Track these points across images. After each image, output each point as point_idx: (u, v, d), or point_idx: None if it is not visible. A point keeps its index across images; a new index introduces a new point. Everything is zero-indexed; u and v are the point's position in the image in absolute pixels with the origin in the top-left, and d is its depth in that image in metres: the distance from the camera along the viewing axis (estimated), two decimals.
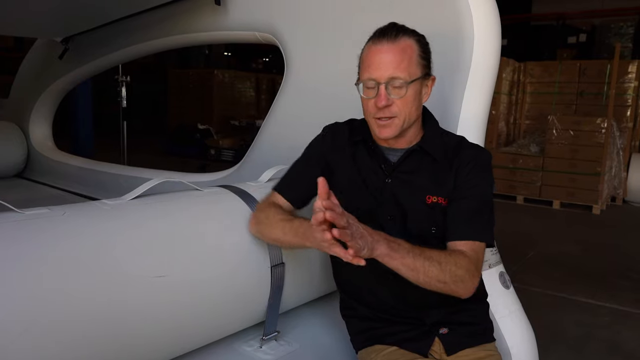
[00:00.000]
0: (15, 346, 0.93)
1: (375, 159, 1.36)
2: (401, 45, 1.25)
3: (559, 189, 6.62)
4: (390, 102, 1.25)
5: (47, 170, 3.81)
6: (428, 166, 1.33)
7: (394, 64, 1.24)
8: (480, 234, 1.27)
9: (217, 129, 9.89)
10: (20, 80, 4.22)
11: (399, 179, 1.33)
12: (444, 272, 1.17)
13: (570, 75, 7.50)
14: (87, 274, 1.05)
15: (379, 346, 1.36)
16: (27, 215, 1.07)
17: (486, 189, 1.32)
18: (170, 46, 2.91)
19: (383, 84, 1.24)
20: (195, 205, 1.37)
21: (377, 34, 1.29)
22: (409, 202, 1.31)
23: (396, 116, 1.27)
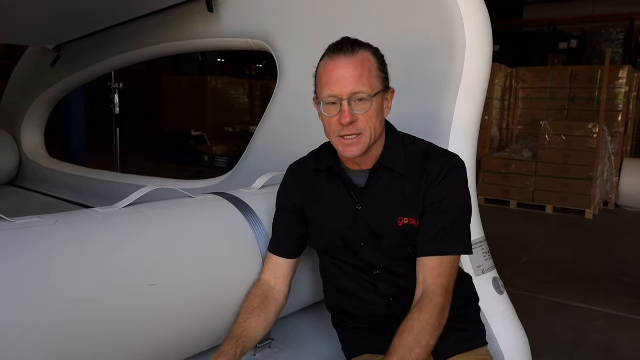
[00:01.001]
0: (5, 355, 0.92)
1: (343, 186, 1.33)
2: (359, 59, 1.21)
3: (552, 194, 6.66)
4: (355, 118, 1.20)
5: (40, 178, 3.79)
6: (396, 183, 1.29)
7: (355, 78, 1.19)
8: (451, 247, 1.25)
9: (210, 135, 9.87)
10: (12, 87, 4.20)
11: (369, 204, 1.30)
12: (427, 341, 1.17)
13: (562, 81, 7.56)
14: (79, 283, 1.04)
15: (369, 355, 1.35)
16: (18, 224, 1.07)
17: (457, 198, 1.28)
18: (163, 53, 2.91)
19: (345, 99, 1.19)
20: (188, 213, 1.37)
21: (332, 49, 1.24)
22: (381, 227, 1.29)
23: (362, 133, 1.22)
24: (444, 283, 1.23)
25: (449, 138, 1.68)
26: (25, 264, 0.99)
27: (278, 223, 1.43)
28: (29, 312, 0.96)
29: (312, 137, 1.89)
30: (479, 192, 7.18)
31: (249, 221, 1.42)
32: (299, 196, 1.39)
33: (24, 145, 3.95)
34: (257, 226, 1.43)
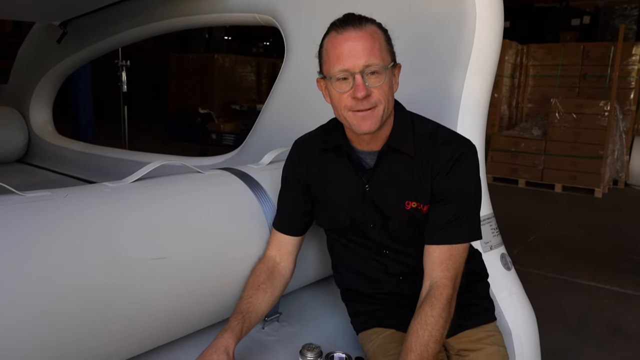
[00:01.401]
0: (16, 326, 0.93)
1: (352, 166, 1.31)
2: (369, 31, 1.17)
3: (561, 173, 6.61)
4: (369, 91, 1.16)
5: (48, 155, 3.81)
6: (405, 165, 1.26)
7: (367, 50, 1.15)
8: (461, 236, 1.24)
9: (218, 113, 9.85)
10: (19, 65, 4.19)
11: (377, 185, 1.28)
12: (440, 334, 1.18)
13: (574, 58, 7.45)
14: (89, 255, 1.05)
15: (379, 329, 1.37)
16: (29, 197, 1.07)
17: (468, 187, 1.26)
18: (170, 29, 2.87)
19: (358, 73, 1.15)
20: (196, 188, 1.37)
21: (337, 24, 1.19)
22: (389, 209, 1.27)
23: (376, 105, 1.18)
24: (452, 275, 1.22)
25: (458, 116, 1.66)
26: (36, 236, 1.00)
27: (283, 200, 1.42)
28: (38, 282, 0.97)
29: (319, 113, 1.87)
30: (487, 171, 7.15)
31: (256, 196, 1.42)
32: (305, 173, 1.37)
33: (32, 122, 3.96)
34: (265, 201, 1.43)
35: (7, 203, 1.04)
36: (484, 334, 1.36)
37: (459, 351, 1.34)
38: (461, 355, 1.33)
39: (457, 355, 1.33)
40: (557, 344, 2.69)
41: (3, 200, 1.05)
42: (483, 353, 1.32)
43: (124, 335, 1.16)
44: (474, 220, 1.27)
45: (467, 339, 1.34)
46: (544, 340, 2.70)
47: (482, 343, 1.34)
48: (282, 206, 1.41)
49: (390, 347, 1.29)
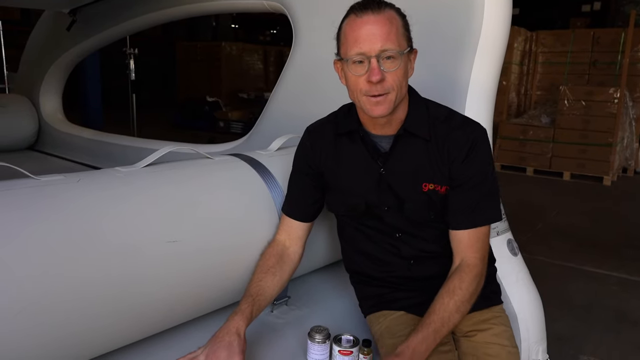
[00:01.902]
0: (32, 306, 0.96)
1: (366, 150, 1.32)
2: (387, 16, 1.17)
3: (570, 161, 6.58)
4: (384, 76, 1.17)
5: (58, 142, 3.85)
6: (420, 148, 1.28)
7: (384, 35, 1.16)
8: (484, 218, 1.28)
9: (225, 101, 9.86)
10: (29, 53, 4.21)
11: (393, 169, 1.30)
12: (462, 303, 1.23)
13: (584, 45, 7.37)
14: (101, 237, 1.07)
15: (387, 311, 1.39)
16: (43, 181, 1.10)
17: (484, 169, 1.28)
18: (179, 16, 2.88)
19: (374, 57, 1.16)
20: (205, 173, 1.39)
21: (357, 7, 1.20)
22: (406, 191, 1.29)
23: (389, 92, 1.19)
24: (481, 255, 1.28)
25: (466, 101, 1.66)
26: (50, 218, 1.02)
27: (294, 186, 1.43)
28: (53, 263, 0.99)
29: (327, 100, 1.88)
30: (495, 159, 7.11)
31: (265, 181, 1.44)
32: (317, 159, 1.38)
33: (42, 110, 3.99)
34: (274, 186, 1.45)
35: (22, 186, 1.06)
36: (490, 315, 1.38)
37: (466, 332, 1.35)
38: (468, 336, 1.35)
39: (465, 336, 1.35)
40: (563, 329, 2.71)
41: (18, 183, 1.07)
42: (489, 333, 1.34)
43: (137, 317, 1.18)
44: (496, 202, 1.31)
45: (474, 319, 1.36)
46: (550, 326, 2.71)
47: (488, 323, 1.36)
48: (292, 192, 1.43)
49: (398, 329, 1.31)
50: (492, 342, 1.32)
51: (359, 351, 1.26)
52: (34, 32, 4.13)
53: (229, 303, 1.45)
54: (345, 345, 1.25)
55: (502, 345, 1.32)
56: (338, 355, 1.25)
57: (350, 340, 1.27)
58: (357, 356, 1.26)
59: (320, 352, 1.25)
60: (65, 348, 1.06)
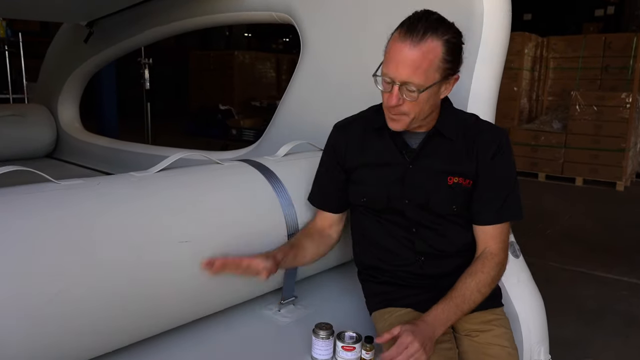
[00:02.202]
0: (53, 303, 1.03)
1: (394, 145, 1.39)
2: (424, 49, 1.21)
3: (582, 166, 6.56)
4: (401, 102, 1.26)
5: (76, 150, 3.96)
6: (446, 147, 1.38)
7: (412, 68, 1.21)
8: (507, 215, 1.38)
9: (238, 109, 9.98)
10: (48, 64, 4.35)
11: (420, 164, 1.38)
12: (483, 285, 1.34)
13: (595, 50, 7.35)
14: (117, 237, 1.15)
15: (393, 308, 1.43)
16: (64, 185, 1.18)
17: (510, 169, 1.39)
18: (190, 28, 2.98)
19: (397, 84, 1.24)
20: (216, 177, 1.46)
21: (405, 27, 1.24)
22: (431, 185, 1.36)
23: (405, 114, 1.29)
24: (503, 246, 1.39)
25: (467, 107, 1.71)
26: (71, 219, 1.09)
27: (324, 179, 1.53)
28: (72, 261, 1.07)
29: (334, 108, 1.95)
30: None
31: (272, 186, 1.50)
32: (345, 153, 1.46)
33: (60, 119, 4.12)
34: (280, 190, 1.52)
35: (44, 190, 1.14)
36: (492, 317, 1.42)
37: (469, 332, 1.40)
38: (470, 336, 1.39)
39: (467, 335, 1.40)
40: (571, 334, 2.72)
41: (40, 187, 1.15)
42: (491, 334, 1.38)
43: (149, 313, 1.25)
44: (517, 200, 1.40)
45: (477, 320, 1.40)
46: (558, 330, 2.74)
47: (490, 325, 1.40)
48: (322, 185, 1.54)
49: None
50: (493, 343, 1.37)
51: (362, 347, 1.31)
52: (52, 44, 4.27)
53: (235, 303, 1.51)
54: (348, 342, 1.31)
55: (502, 347, 1.36)
56: (341, 351, 1.30)
57: (353, 337, 1.32)
58: (360, 352, 1.31)
59: (324, 348, 1.31)
60: (84, 342, 1.13)
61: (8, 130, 3.79)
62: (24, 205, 1.07)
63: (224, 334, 1.43)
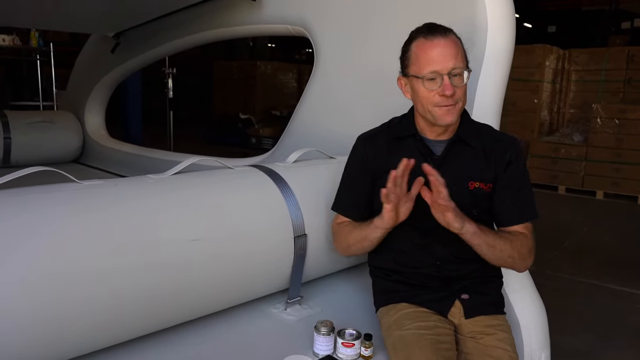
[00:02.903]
0: (68, 297, 1.13)
1: (419, 153, 1.47)
2: (452, 38, 1.39)
3: (603, 179, 6.49)
4: (454, 90, 1.37)
5: (101, 156, 4.12)
6: (467, 153, 1.47)
7: (453, 55, 1.36)
8: (530, 214, 1.47)
9: (259, 118, 10.14)
10: (76, 73, 4.55)
11: (444, 169, 1.43)
12: (514, 250, 1.42)
13: (618, 62, 7.29)
14: (135, 234, 1.24)
15: (403, 305, 1.48)
16: (85, 185, 1.28)
17: (524, 173, 1.49)
18: (210, 39, 3.10)
19: (446, 74, 1.35)
20: (227, 181, 1.55)
21: (424, 30, 1.39)
22: (454, 189, 1.40)
23: (457, 102, 1.40)
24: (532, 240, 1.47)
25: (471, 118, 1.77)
26: (90, 216, 1.19)
27: (351, 187, 1.57)
28: (90, 255, 1.16)
29: (344, 118, 2.03)
30: None
31: (281, 190, 1.58)
32: (371, 161, 1.53)
33: (87, 126, 4.29)
34: (288, 195, 1.59)
35: (67, 189, 1.24)
36: (495, 322, 1.47)
37: (474, 334, 1.44)
38: (475, 338, 1.44)
39: (471, 338, 1.44)
40: (583, 345, 2.73)
41: (65, 186, 1.25)
42: (494, 337, 1.43)
43: (165, 309, 1.34)
44: (533, 200, 1.49)
45: (481, 323, 1.45)
46: (569, 340, 2.75)
47: (494, 329, 1.45)
48: (348, 194, 1.58)
49: (406, 322, 1.41)
50: (496, 346, 1.41)
51: (361, 344, 1.37)
52: (81, 54, 4.46)
53: (244, 301, 1.59)
54: (348, 338, 1.37)
55: (504, 350, 1.41)
56: (341, 347, 1.37)
57: (353, 334, 1.39)
58: (359, 349, 1.38)
59: (325, 344, 1.38)
60: (99, 332, 1.22)
61: (37, 136, 3.97)
62: (47, 202, 1.17)
63: (232, 329, 1.51)
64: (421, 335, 1.35)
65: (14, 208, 1.12)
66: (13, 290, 1.05)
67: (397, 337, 1.37)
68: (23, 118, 4.02)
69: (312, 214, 1.63)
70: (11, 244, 1.07)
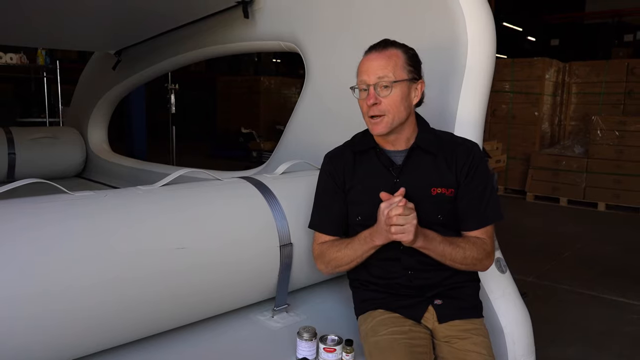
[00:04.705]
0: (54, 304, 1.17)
1: (381, 164, 1.53)
2: (387, 53, 1.46)
3: (604, 191, 6.51)
4: (379, 100, 1.44)
5: (103, 170, 4.20)
6: (428, 161, 1.52)
7: (381, 66, 1.44)
8: (490, 218, 1.51)
9: (263, 133, 10.25)
10: (80, 89, 4.66)
11: (405, 178, 1.50)
12: (465, 257, 1.45)
13: (618, 75, 7.34)
14: (121, 243, 1.29)
15: (378, 312, 1.53)
16: (77, 196, 1.34)
17: (485, 178, 1.52)
18: (207, 56, 3.19)
19: (372, 85, 1.44)
20: (215, 192, 1.61)
21: (369, 48, 1.50)
22: (417, 196, 1.46)
23: (385, 114, 1.45)
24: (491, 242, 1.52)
25: (454, 130, 1.82)
26: (80, 226, 1.25)
27: (324, 203, 1.60)
28: (79, 263, 1.21)
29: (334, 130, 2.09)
30: (528, 189, 7.11)
31: (267, 200, 1.64)
32: (341, 178, 1.58)
33: (90, 141, 4.38)
34: (275, 205, 1.65)
35: (58, 200, 1.30)
36: (471, 326, 1.50)
37: (448, 338, 1.48)
38: (449, 342, 1.47)
39: (445, 342, 1.48)
40: (576, 353, 2.75)
41: (57, 197, 1.32)
42: (469, 342, 1.46)
43: (151, 315, 1.39)
44: (496, 203, 1.53)
45: (456, 328, 1.49)
46: (563, 349, 2.76)
47: (468, 333, 1.48)
48: (323, 211, 1.61)
49: (381, 328, 1.46)
50: (471, 350, 1.44)
51: (343, 349, 1.41)
52: (84, 71, 4.57)
53: (235, 307, 1.64)
54: (329, 344, 1.41)
55: (479, 354, 1.44)
56: (323, 352, 1.41)
57: (334, 340, 1.43)
58: (341, 354, 1.42)
59: (308, 349, 1.42)
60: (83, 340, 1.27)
61: (41, 151, 4.06)
62: (36, 212, 1.24)
63: (218, 336, 1.56)
64: (395, 340, 1.39)
65: (2, 217, 1.18)
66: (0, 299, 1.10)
67: (373, 344, 1.42)
68: (27, 134, 4.12)
69: (298, 224, 1.68)
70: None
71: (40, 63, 6.66)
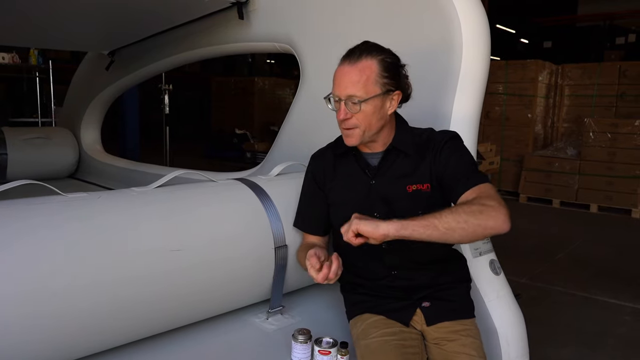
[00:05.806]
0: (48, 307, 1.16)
1: (359, 165, 1.55)
2: (359, 67, 1.41)
3: (597, 193, 6.54)
4: (348, 115, 1.43)
5: (96, 171, 4.18)
6: (403, 161, 1.52)
7: (351, 83, 1.41)
8: (481, 178, 1.42)
9: (257, 134, 10.25)
10: (73, 90, 4.63)
11: (381, 179, 1.52)
12: (464, 220, 1.26)
13: (610, 78, 7.40)
14: (116, 245, 1.28)
15: (367, 315, 1.54)
16: (70, 197, 1.33)
17: (465, 154, 1.49)
18: (202, 57, 3.18)
19: (343, 100, 1.43)
20: (209, 193, 1.60)
21: (344, 55, 1.46)
22: (393, 195, 1.49)
23: (356, 127, 1.45)
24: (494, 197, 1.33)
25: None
26: (73, 227, 1.24)
27: (308, 206, 1.65)
28: (72, 265, 1.20)
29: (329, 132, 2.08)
30: (521, 191, 7.14)
31: (262, 202, 1.63)
32: (322, 179, 1.61)
33: (83, 141, 4.36)
34: (270, 207, 1.64)
35: (52, 201, 1.29)
36: (460, 327, 1.50)
37: (438, 340, 1.48)
38: (438, 344, 1.48)
39: (435, 344, 1.48)
40: (569, 354, 2.76)
41: (50, 199, 1.30)
42: (458, 343, 1.46)
43: (146, 316, 1.38)
44: (477, 171, 1.45)
45: (444, 329, 1.49)
46: (556, 350, 2.78)
47: (458, 334, 1.48)
48: (307, 211, 1.65)
49: (371, 331, 1.46)
50: (460, 352, 1.44)
51: (337, 352, 1.41)
52: (77, 71, 4.55)
53: (229, 309, 1.63)
54: (324, 346, 1.41)
55: (469, 355, 1.44)
56: (318, 355, 1.40)
57: (329, 342, 1.42)
58: (336, 356, 1.41)
59: (303, 352, 1.41)
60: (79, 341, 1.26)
61: (33, 152, 4.03)
62: (29, 213, 1.22)
63: (212, 339, 1.55)
64: (386, 342, 1.40)
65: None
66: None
67: (364, 347, 1.42)
68: (19, 134, 4.09)
69: (292, 225, 1.67)
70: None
71: (33, 63, 6.62)
